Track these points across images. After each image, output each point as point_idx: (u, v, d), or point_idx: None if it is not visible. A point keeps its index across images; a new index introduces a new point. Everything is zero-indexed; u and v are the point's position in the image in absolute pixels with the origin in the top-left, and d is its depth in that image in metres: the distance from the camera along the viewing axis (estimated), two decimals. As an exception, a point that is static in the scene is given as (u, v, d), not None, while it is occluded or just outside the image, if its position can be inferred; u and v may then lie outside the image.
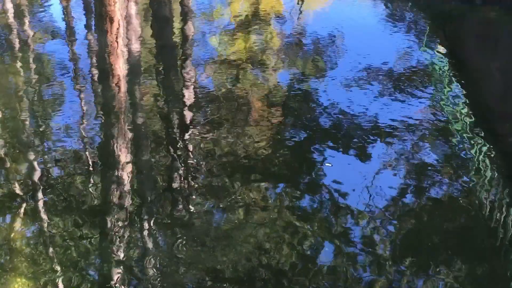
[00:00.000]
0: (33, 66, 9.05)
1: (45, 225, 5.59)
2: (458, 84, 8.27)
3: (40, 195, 6.00)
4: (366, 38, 9.95)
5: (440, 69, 8.82)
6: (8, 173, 6.41)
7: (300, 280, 4.95)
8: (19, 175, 6.35)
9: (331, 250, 5.28)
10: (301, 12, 11.80)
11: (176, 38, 10.29)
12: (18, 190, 6.09)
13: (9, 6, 11.67)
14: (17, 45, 9.88)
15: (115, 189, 6.14)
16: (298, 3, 12.21)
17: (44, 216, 5.70)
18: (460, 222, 5.69)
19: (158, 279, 4.96)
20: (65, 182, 6.23)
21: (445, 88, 8.21)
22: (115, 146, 6.91)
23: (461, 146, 6.86)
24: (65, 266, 5.08)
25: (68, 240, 5.38)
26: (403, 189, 6.07)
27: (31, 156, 6.66)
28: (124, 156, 6.69)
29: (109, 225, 5.61)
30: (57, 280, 4.95)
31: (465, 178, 6.27)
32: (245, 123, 7.30)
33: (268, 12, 11.55)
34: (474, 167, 6.44)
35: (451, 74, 8.63)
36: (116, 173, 6.37)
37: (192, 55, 9.53)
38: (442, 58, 9.19)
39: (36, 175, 6.30)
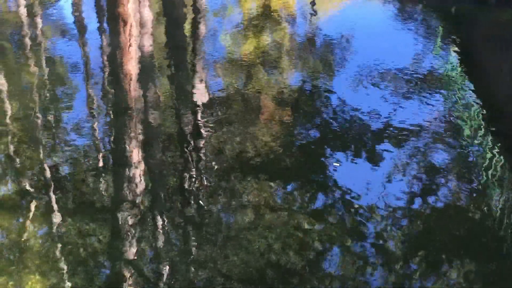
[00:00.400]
0: (45, 65, 9.10)
1: (58, 223, 5.63)
2: (470, 86, 8.25)
3: (52, 193, 6.04)
4: (377, 39, 9.92)
5: (452, 71, 8.79)
6: (20, 170, 6.46)
7: (310, 281, 4.96)
8: (31, 173, 6.40)
9: (341, 251, 5.29)
10: (312, 13, 11.80)
11: (188, 38, 10.32)
12: (30, 188, 6.14)
13: (21, 5, 11.75)
14: (29, 44, 9.94)
15: (125, 188, 6.17)
16: (310, 4, 12.20)
17: (57, 214, 5.74)
18: (471, 225, 5.67)
19: (169, 278, 4.98)
20: (76, 180, 6.27)
21: (457, 90, 8.19)
22: (126, 144, 6.95)
23: (473, 149, 6.85)
24: (77, 265, 5.12)
25: (79, 239, 5.42)
26: (413, 192, 6.06)
27: (44, 154, 6.71)
28: (135, 154, 6.72)
29: (119, 223, 5.64)
30: (70, 278, 4.99)
31: (476, 181, 6.25)
32: (256, 123, 7.32)
33: (280, 12, 11.56)
34: (485, 170, 6.42)
35: (463, 76, 8.60)
36: (126, 172, 6.41)
37: (204, 55, 9.56)
38: (454, 60, 9.17)
39: (49, 173, 6.35)
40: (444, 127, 7.19)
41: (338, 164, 6.44)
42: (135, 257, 5.22)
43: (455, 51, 9.45)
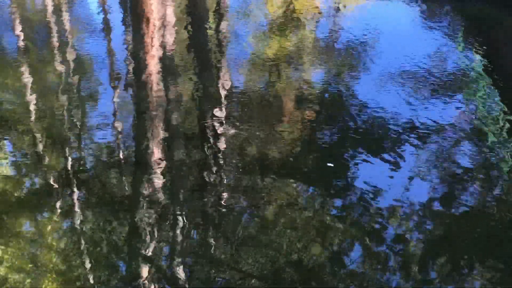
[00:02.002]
0: (69, 63, 9.18)
1: (79, 220, 5.67)
2: (494, 89, 8.18)
3: (74, 191, 6.09)
4: (400, 40, 9.88)
5: (476, 73, 8.72)
6: (43, 168, 6.52)
7: (329, 282, 4.94)
8: (54, 171, 6.45)
9: (360, 252, 5.27)
10: (336, 12, 11.77)
11: (211, 37, 10.34)
12: (52, 186, 6.19)
13: (47, 3, 11.87)
14: (54, 42, 10.03)
15: (145, 186, 6.20)
16: (334, 4, 12.17)
17: (78, 211, 5.78)
18: (493, 229, 5.62)
19: (186, 277, 4.99)
20: (98, 178, 6.31)
21: (481, 92, 8.12)
22: (146, 142, 6.98)
23: (497, 151, 6.79)
24: (95, 262, 5.15)
25: (98, 236, 5.46)
26: (434, 194, 6.02)
27: (67, 151, 6.77)
28: (155, 152, 6.75)
29: (138, 221, 5.66)
30: (88, 275, 5.02)
31: (498, 185, 6.20)
32: (277, 122, 7.31)
33: (303, 12, 11.54)
34: (508, 173, 6.36)
35: (487, 78, 8.53)
36: (146, 170, 6.43)
37: (226, 54, 9.58)
38: (478, 62, 9.09)
39: (72, 170, 6.41)
40: (467, 129, 7.14)
41: (331, 165, 6.43)
42: (153, 255, 5.24)
43: (479, 53, 9.37)
